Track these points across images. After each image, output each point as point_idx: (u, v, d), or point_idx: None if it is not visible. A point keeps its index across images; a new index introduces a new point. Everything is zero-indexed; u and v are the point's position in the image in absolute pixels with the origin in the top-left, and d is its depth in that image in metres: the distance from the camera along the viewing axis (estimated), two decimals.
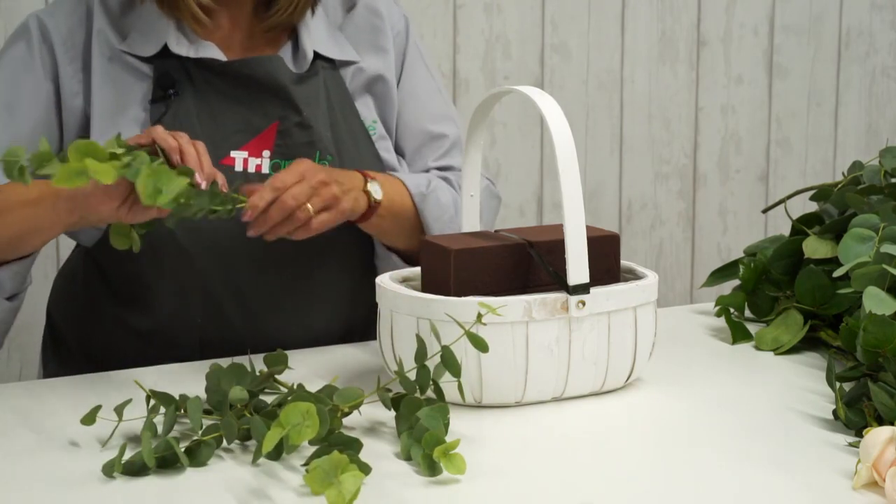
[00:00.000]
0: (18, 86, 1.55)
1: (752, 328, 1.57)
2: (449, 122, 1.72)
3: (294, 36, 1.62)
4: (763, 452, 1.21)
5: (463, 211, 1.47)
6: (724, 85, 2.76)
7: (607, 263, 1.36)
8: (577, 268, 1.29)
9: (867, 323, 1.29)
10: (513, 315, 1.28)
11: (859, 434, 1.21)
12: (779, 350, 1.52)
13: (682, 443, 1.25)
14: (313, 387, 1.30)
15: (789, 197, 1.71)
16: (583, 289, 1.30)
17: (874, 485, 1.11)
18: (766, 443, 1.24)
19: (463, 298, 1.29)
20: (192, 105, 1.56)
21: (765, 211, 1.81)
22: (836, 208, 1.62)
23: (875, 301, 1.33)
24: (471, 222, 1.47)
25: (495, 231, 1.41)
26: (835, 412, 1.27)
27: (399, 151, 1.69)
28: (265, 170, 1.56)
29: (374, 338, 1.43)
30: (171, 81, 1.55)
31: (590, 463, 1.19)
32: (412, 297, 1.31)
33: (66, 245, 2.19)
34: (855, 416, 1.25)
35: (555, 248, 1.32)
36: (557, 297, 1.30)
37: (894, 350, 1.28)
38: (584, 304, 1.30)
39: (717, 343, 1.56)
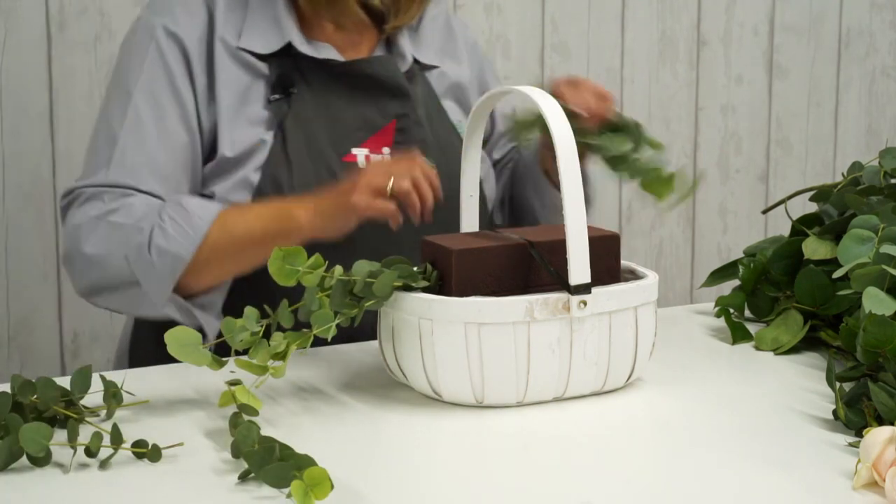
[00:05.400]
0: (163, 104, 1.56)
1: (752, 328, 1.57)
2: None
3: (385, 39, 1.67)
4: (763, 452, 1.21)
5: (462, 211, 1.47)
6: (724, 85, 2.76)
7: (608, 263, 1.36)
8: (579, 268, 1.29)
9: (867, 323, 1.30)
10: (515, 315, 1.28)
11: (859, 434, 1.21)
12: (779, 350, 1.52)
13: (683, 443, 1.25)
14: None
15: (789, 197, 1.71)
16: (584, 289, 1.30)
17: (874, 485, 1.11)
18: (766, 443, 1.24)
19: (464, 299, 1.29)
20: (310, 104, 1.59)
21: (765, 212, 1.81)
22: (835, 209, 1.62)
23: (875, 301, 1.34)
24: (470, 222, 1.47)
25: (495, 230, 1.41)
26: (835, 412, 1.27)
27: (487, 151, 1.79)
28: None
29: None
30: (290, 80, 1.59)
31: (591, 463, 1.19)
32: (413, 296, 1.31)
33: None
34: (855, 416, 1.25)
35: (556, 248, 1.32)
36: (559, 297, 1.30)
37: (894, 350, 1.28)
38: (585, 304, 1.30)
39: (717, 343, 1.56)
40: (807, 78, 2.84)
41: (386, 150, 1.62)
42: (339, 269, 1.30)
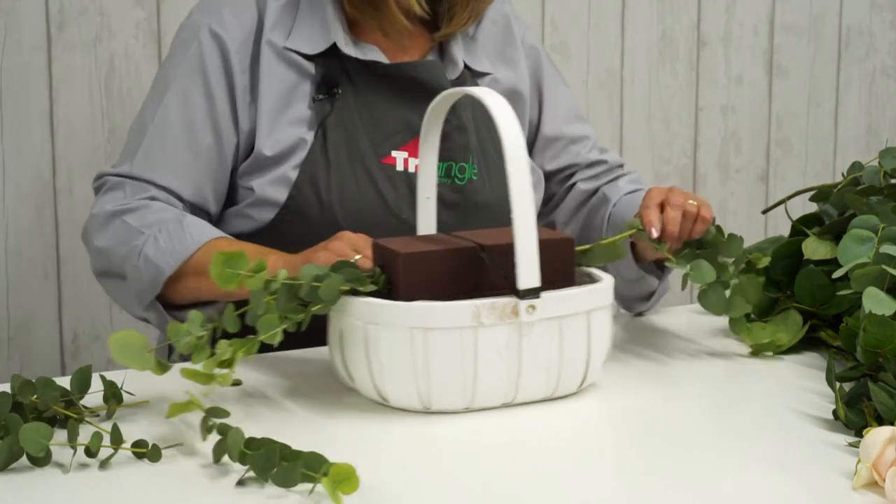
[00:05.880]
0: (194, 104, 1.59)
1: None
2: (585, 121, 1.81)
3: (438, 44, 1.68)
4: (763, 452, 1.21)
5: (419, 213, 1.43)
6: (724, 85, 2.76)
7: (561, 267, 1.32)
8: (527, 272, 1.26)
9: (867, 323, 1.30)
10: (461, 320, 1.26)
11: (859, 434, 1.21)
12: (779, 350, 1.52)
13: (679, 443, 1.25)
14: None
15: (789, 198, 1.71)
16: (533, 293, 1.27)
17: (874, 485, 1.11)
18: (766, 443, 1.24)
19: (409, 303, 1.26)
20: (353, 105, 1.61)
21: (765, 212, 1.81)
22: (835, 209, 1.62)
23: (875, 301, 1.34)
24: (427, 225, 1.43)
25: (451, 234, 1.38)
26: (835, 412, 1.27)
27: (538, 159, 1.76)
28: None
29: None
30: (335, 81, 1.61)
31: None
32: (358, 301, 1.28)
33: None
34: (855, 416, 1.25)
35: (508, 252, 1.28)
36: (507, 301, 1.27)
37: (894, 350, 1.28)
38: (534, 308, 1.27)
39: (717, 343, 1.56)
40: (807, 78, 2.84)
41: None
42: (283, 272, 1.28)
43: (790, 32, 2.81)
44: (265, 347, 1.31)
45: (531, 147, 1.77)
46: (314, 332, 1.37)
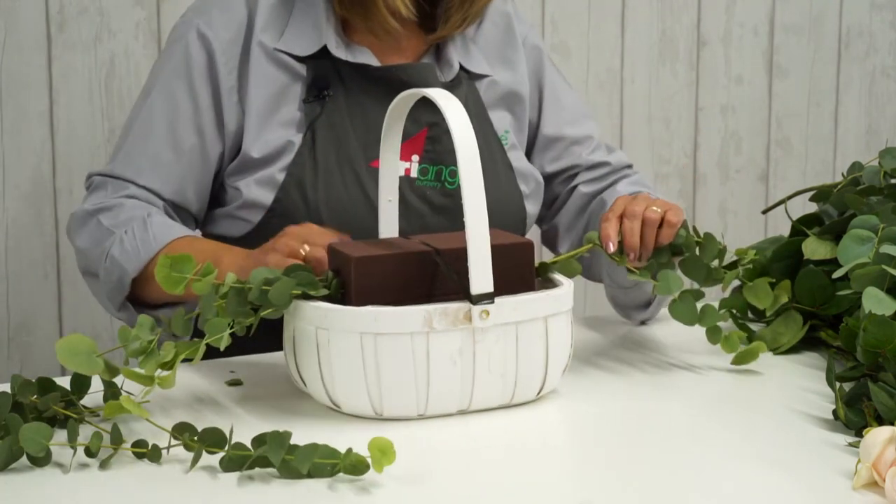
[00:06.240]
0: (178, 104, 1.59)
1: (752, 328, 1.57)
2: (589, 121, 1.77)
3: (436, 45, 1.66)
4: (763, 452, 1.21)
5: (381, 216, 1.42)
6: (724, 85, 2.76)
7: (521, 272, 1.30)
8: (480, 276, 1.24)
9: (867, 323, 1.30)
10: (412, 325, 1.24)
11: (859, 434, 1.21)
12: (779, 350, 1.52)
13: (677, 445, 1.25)
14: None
15: (789, 198, 1.71)
16: (486, 298, 1.25)
17: (874, 485, 1.11)
18: (766, 443, 1.24)
19: (360, 308, 1.25)
20: (344, 107, 1.60)
21: (765, 212, 1.81)
22: (835, 209, 1.62)
23: (874, 301, 1.34)
24: (389, 228, 1.42)
25: (411, 238, 1.35)
26: (835, 412, 1.27)
27: (538, 160, 1.73)
28: (413, 173, 1.60)
29: None
30: (326, 83, 1.60)
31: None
32: (309, 305, 1.26)
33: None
34: (855, 416, 1.25)
35: (464, 256, 1.25)
36: (460, 306, 1.25)
37: (894, 350, 1.28)
38: (488, 314, 1.25)
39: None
40: (807, 78, 2.84)
41: (415, 157, 1.60)
42: (231, 276, 1.27)
43: (790, 32, 2.81)
44: (232, 350, 1.29)
45: (531, 148, 1.75)
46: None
